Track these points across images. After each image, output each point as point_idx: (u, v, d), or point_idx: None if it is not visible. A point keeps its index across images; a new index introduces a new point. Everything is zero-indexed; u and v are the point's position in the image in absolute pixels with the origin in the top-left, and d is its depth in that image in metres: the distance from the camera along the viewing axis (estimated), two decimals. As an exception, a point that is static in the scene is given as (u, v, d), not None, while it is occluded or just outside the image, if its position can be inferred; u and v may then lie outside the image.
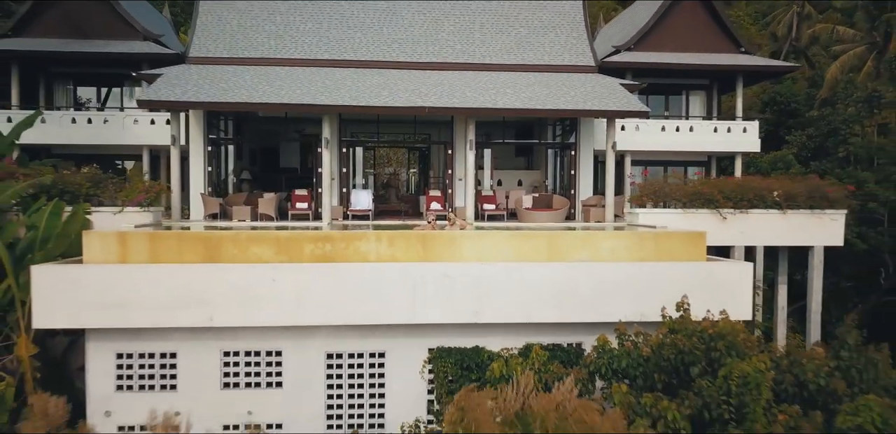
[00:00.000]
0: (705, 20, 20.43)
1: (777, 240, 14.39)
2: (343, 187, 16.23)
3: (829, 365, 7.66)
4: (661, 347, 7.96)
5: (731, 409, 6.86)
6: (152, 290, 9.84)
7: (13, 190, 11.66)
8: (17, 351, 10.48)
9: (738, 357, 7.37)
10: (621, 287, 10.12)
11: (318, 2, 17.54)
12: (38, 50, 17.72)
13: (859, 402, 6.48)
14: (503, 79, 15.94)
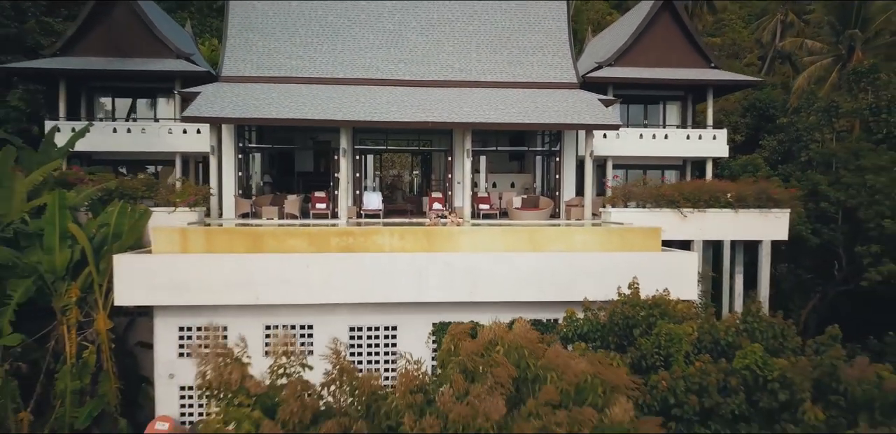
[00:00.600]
0: (679, 38, 22.76)
1: (731, 235, 16.76)
2: (356, 190, 18.57)
3: (738, 327, 9.98)
4: (613, 316, 10.31)
5: (661, 358, 9.19)
6: (208, 275, 12.19)
7: (85, 193, 14.01)
8: (96, 325, 12.83)
9: (670, 322, 9.71)
10: (590, 272, 12.46)
11: (334, 25, 19.87)
12: (85, 68, 20.04)
13: (747, 349, 8.79)
14: (496, 95, 18.29)
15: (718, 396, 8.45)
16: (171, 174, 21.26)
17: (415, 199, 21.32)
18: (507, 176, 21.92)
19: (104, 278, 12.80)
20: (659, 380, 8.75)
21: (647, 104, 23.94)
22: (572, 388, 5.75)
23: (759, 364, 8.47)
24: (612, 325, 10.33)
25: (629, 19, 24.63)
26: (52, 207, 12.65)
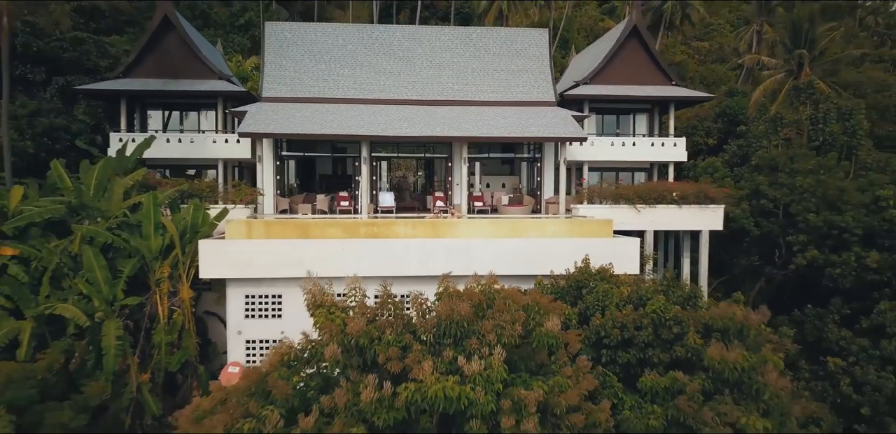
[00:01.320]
0: (645, 60, 26.81)
1: (676, 226, 20.83)
2: (373, 190, 22.62)
3: (657, 288, 13.98)
4: (569, 281, 14.38)
5: (599, 308, 13.22)
6: (267, 255, 16.25)
7: (166, 193, 18.05)
8: (181, 295, 16.88)
9: (608, 285, 13.77)
10: (556, 253, 16.48)
11: (353, 52, 23.92)
12: (145, 89, 24.07)
13: (654, 299, 12.74)
14: (488, 112, 22.35)
15: (633, 331, 12.52)
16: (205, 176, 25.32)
17: (420, 198, 25.39)
18: (499, 178, 26.01)
19: (187, 259, 16.84)
20: (595, 321, 12.84)
21: (619, 115, 27.94)
22: (520, 307, 9.83)
23: (661, 309, 12.53)
24: (567, 287, 14.40)
25: (603, 42, 28.69)
26: (148, 205, 16.71)
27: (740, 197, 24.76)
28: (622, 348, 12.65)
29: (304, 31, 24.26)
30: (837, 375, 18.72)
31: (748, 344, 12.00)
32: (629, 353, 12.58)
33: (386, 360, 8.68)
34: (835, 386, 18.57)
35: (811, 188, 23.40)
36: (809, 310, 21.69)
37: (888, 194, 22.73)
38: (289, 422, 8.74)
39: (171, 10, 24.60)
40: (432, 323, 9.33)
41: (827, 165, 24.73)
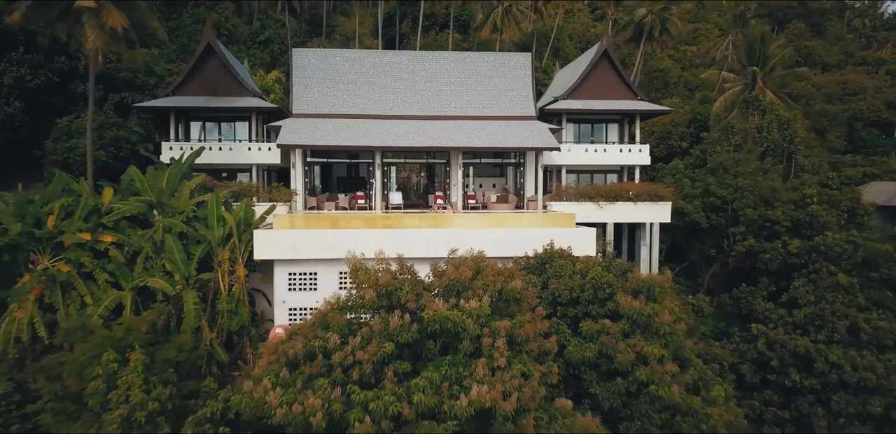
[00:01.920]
0: (614, 79, 31.68)
1: (632, 219, 25.74)
2: (384, 190, 27.51)
3: (601, 264, 18.87)
4: (536, 258, 19.32)
5: (556, 277, 18.13)
6: (306, 241, 21.16)
7: (221, 194, 22.96)
8: (237, 273, 21.79)
9: (564, 261, 18.69)
10: (530, 239, 21.38)
11: (366, 74, 28.79)
12: (193, 106, 28.94)
13: (594, 269, 17.64)
14: (479, 125, 27.24)
15: (579, 292, 17.45)
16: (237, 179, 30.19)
17: (423, 197, 30.28)
18: (489, 179, 30.93)
19: (242, 245, 21.75)
20: (552, 286, 17.79)
21: (594, 124, 32.84)
22: (497, 273, 14.76)
23: (598, 277, 17.45)
24: (535, 263, 19.34)
25: (579, 62, 33.60)
26: (212, 202, 21.62)
27: (694, 195, 29.65)
28: (571, 305, 17.63)
29: (326, 56, 29.16)
30: (758, 338, 23.64)
31: (657, 299, 16.95)
32: (576, 308, 17.57)
33: (406, 301, 13.62)
34: (755, 346, 23.48)
35: (750, 188, 28.27)
36: (744, 288, 26.61)
37: (812, 192, 27.62)
38: (342, 344, 13.67)
39: (214, 39, 29.47)
40: (445, 282, 14.23)
41: (764, 168, 29.62)
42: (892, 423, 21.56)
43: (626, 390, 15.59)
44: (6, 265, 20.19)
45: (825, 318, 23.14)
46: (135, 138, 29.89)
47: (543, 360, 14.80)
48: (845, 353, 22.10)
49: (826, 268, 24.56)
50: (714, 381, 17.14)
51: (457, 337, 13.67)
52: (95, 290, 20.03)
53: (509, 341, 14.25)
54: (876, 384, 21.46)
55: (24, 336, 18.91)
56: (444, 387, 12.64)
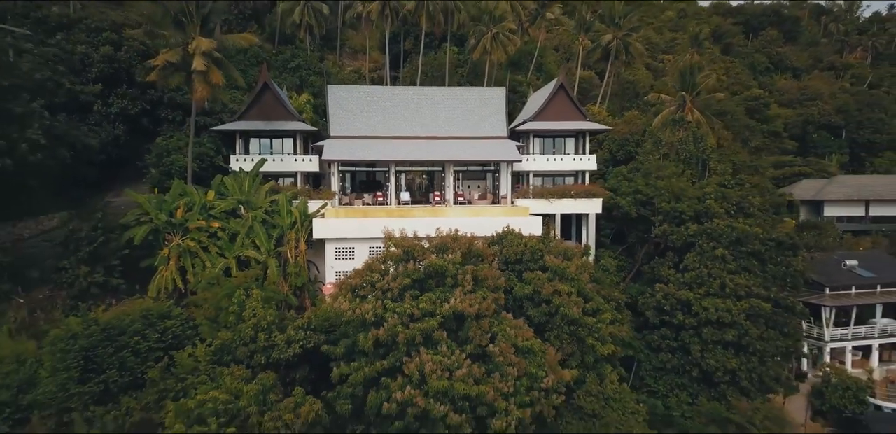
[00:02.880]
0: (568, 105, 42.36)
1: (574, 210, 36.61)
2: (397, 190, 38.32)
3: (537, 239, 29.49)
4: (497, 235, 30.17)
5: (509, 247, 28.89)
6: (347, 226, 32.12)
7: (286, 195, 33.82)
8: (300, 248, 32.67)
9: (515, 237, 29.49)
10: (498, 224, 32.16)
11: (383, 105, 39.58)
12: (254, 129, 39.71)
13: (531, 243, 28.20)
14: (466, 143, 38.03)
15: (521, 255, 28.23)
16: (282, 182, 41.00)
17: (425, 195, 41.06)
18: (473, 182, 41.74)
19: (303, 229, 32.61)
20: (505, 251, 28.61)
21: (555, 139, 43.59)
22: (468, 242, 25.62)
23: (534, 245, 28.23)
24: (496, 238, 30.15)
25: (545, 90, 44.32)
26: (282, 200, 32.49)
27: (628, 193, 40.31)
28: (516, 263, 28.47)
29: (353, 91, 39.98)
30: (659, 292, 34.38)
31: (570, 259, 27.78)
32: (519, 265, 28.39)
33: (416, 255, 24.49)
34: (657, 298, 34.22)
35: (666, 187, 38.98)
36: (656, 260, 37.40)
37: (710, 191, 38.35)
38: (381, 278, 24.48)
39: (269, 79, 40.25)
40: (435, 244, 25.09)
41: (677, 173, 40.35)
42: (740, 346, 32.30)
43: (548, 312, 26.43)
44: (151, 242, 31.07)
45: (703, 278, 33.93)
46: (211, 153, 40.64)
47: (497, 292, 25.62)
48: (713, 301, 32.85)
49: (710, 244, 35.28)
50: (606, 309, 27.93)
51: (443, 276, 24.48)
52: (210, 258, 30.91)
53: (474, 279, 25.03)
54: (730, 321, 32.22)
55: (169, 286, 29.84)
56: (437, 301, 23.48)
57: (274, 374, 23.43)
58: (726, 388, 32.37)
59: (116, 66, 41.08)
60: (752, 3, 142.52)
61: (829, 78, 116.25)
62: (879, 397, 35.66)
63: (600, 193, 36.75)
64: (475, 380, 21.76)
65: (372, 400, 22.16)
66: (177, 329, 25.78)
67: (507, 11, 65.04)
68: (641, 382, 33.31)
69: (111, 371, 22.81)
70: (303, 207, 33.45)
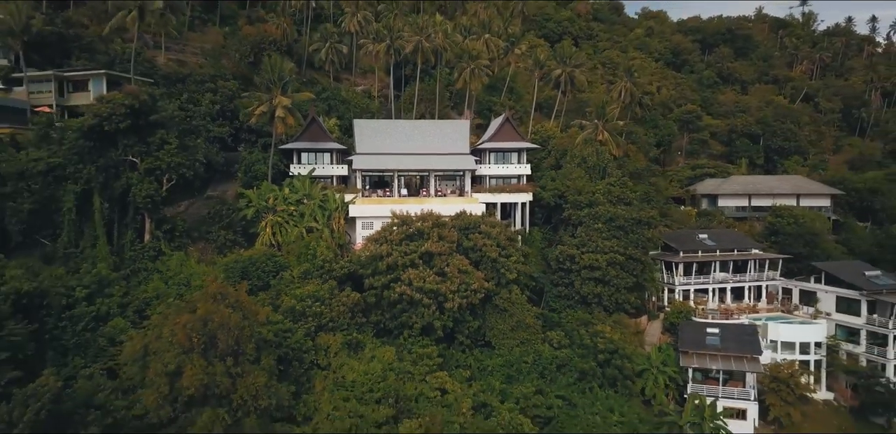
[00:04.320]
0: (512, 131, 65.75)
1: (511, 201, 60.03)
2: (399, 188, 61.67)
3: (480, 217, 52.33)
4: (457, 214, 53.54)
5: (462, 221, 52.07)
6: (370, 209, 55.75)
7: (332, 190, 57.25)
8: (340, 222, 56.08)
9: (468, 216, 52.74)
10: (459, 208, 55.44)
11: (389, 131, 63.00)
12: (306, 148, 63.07)
13: (474, 218, 50.91)
14: (443, 158, 61.43)
15: (467, 225, 51.47)
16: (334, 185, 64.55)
17: (416, 190, 64.37)
18: (448, 182, 65.07)
19: (340, 211, 55.96)
20: (458, 223, 51.93)
21: (505, 153, 66.85)
22: (437, 218, 49.07)
23: (474, 219, 51.42)
24: (456, 216, 53.47)
25: (498, 120, 67.64)
26: (330, 194, 55.94)
27: (552, 189, 63.44)
28: (465, 229, 51.70)
29: (371, 123, 63.50)
30: (557, 250, 57.45)
31: (498, 228, 51.02)
32: (466, 230, 51.62)
33: (408, 223, 47.85)
34: (556, 254, 57.32)
35: (574, 187, 62.09)
36: (562, 232, 60.59)
37: (599, 188, 61.54)
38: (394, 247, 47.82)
39: (316, 114, 63.56)
40: (419, 217, 48.50)
41: (582, 176, 63.48)
42: (603, 281, 55.38)
43: (480, 254, 49.56)
44: (252, 220, 54.32)
45: (586, 242, 57.03)
46: (279, 163, 63.97)
47: (452, 243, 48.77)
48: (590, 255, 55.85)
49: (592, 221, 58.34)
50: (514, 254, 50.93)
51: (422, 233, 47.73)
52: (290, 228, 54.17)
53: (439, 236, 48.16)
54: (598, 266, 55.18)
55: (266, 243, 53.16)
56: (418, 246, 46.72)
57: (335, 282, 46.73)
58: (594, 306, 55.59)
59: (217, 105, 64.31)
60: (712, 21, 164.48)
61: (771, 90, 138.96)
62: (696, 316, 58.86)
63: (526, 190, 60.09)
64: (436, 283, 44.99)
65: (385, 295, 45.47)
66: (280, 262, 49.08)
67: (482, 50, 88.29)
68: (546, 304, 56.47)
69: (254, 279, 45.98)
70: (341, 198, 56.84)
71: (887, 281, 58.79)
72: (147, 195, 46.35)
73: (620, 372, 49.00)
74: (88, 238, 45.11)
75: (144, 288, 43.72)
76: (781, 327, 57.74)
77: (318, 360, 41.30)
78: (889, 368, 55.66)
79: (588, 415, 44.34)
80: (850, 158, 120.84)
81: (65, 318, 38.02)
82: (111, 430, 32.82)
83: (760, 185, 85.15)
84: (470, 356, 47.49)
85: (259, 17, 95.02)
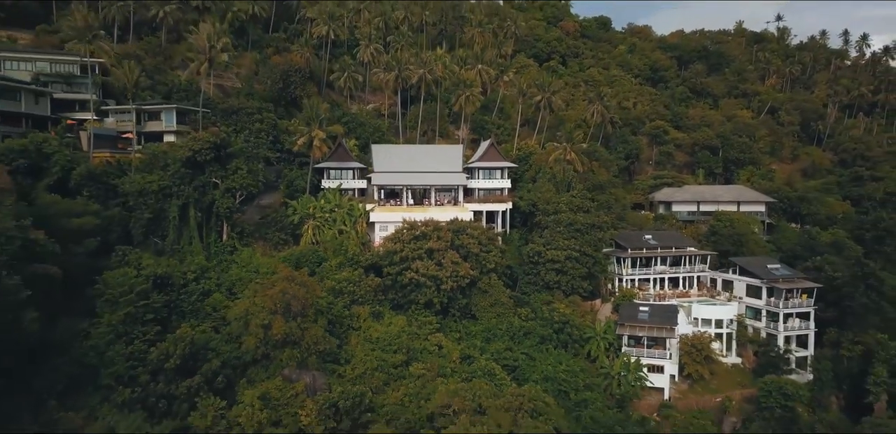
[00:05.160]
0: (496, 153, 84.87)
1: (494, 209, 79.15)
2: (407, 199, 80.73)
3: (468, 223, 71.04)
4: (451, 221, 72.66)
5: (455, 225, 71.02)
6: (385, 215, 74.94)
7: (357, 201, 76.38)
8: (362, 224, 75.18)
9: (460, 221, 71.73)
10: (454, 215, 74.47)
11: (401, 155, 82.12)
12: (336, 166, 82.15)
13: (463, 223, 69.54)
14: (441, 175, 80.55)
15: (458, 228, 70.47)
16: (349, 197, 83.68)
17: (420, 201, 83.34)
18: (446, 193, 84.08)
19: (363, 216, 75.03)
20: (453, 227, 71.07)
21: (491, 170, 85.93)
22: (437, 223, 68.26)
23: (464, 224, 70.40)
24: (450, 222, 72.56)
25: (485, 145, 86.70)
26: (355, 204, 75.05)
27: (528, 199, 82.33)
28: (456, 232, 70.70)
29: (386, 147, 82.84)
30: (529, 247, 76.31)
31: (482, 231, 70.06)
32: (458, 232, 70.61)
33: (414, 227, 66.98)
34: (529, 250, 76.19)
35: (543, 198, 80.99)
36: (534, 233, 79.56)
37: (563, 199, 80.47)
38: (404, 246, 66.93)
39: (342, 140, 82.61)
40: (423, 223, 67.68)
41: (551, 189, 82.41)
42: (562, 271, 74.32)
43: (466, 250, 68.53)
44: (297, 224, 73.31)
45: (550, 241, 75.96)
46: (314, 179, 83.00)
47: (446, 242, 67.79)
48: (552, 252, 74.73)
49: (556, 226, 77.25)
50: (493, 249, 69.83)
51: (425, 235, 66.73)
52: (326, 230, 73.19)
53: (437, 236, 67.13)
54: (558, 260, 74.08)
55: (308, 242, 72.23)
56: (421, 243, 65.79)
57: (361, 270, 65.77)
58: (555, 290, 74.52)
59: (263, 132, 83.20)
60: (692, 37, 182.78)
61: (740, 103, 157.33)
62: (638, 300, 77.85)
63: (506, 200, 79.12)
64: (435, 271, 63.97)
65: (398, 279, 64.56)
66: (321, 255, 68.16)
67: (475, 79, 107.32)
68: (519, 288, 75.37)
69: (304, 267, 64.97)
70: (363, 207, 75.91)
71: (783, 272, 77.76)
72: (227, 207, 65.50)
73: (570, 337, 68.09)
74: (186, 238, 64.26)
75: (229, 274, 62.82)
76: (703, 308, 76.75)
77: (353, 324, 60.38)
78: (780, 338, 74.62)
79: (543, 365, 63.25)
80: (804, 167, 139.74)
81: (182, 293, 57.17)
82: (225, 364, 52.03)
83: (707, 193, 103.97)
84: (459, 324, 66.58)
85: (285, 47, 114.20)
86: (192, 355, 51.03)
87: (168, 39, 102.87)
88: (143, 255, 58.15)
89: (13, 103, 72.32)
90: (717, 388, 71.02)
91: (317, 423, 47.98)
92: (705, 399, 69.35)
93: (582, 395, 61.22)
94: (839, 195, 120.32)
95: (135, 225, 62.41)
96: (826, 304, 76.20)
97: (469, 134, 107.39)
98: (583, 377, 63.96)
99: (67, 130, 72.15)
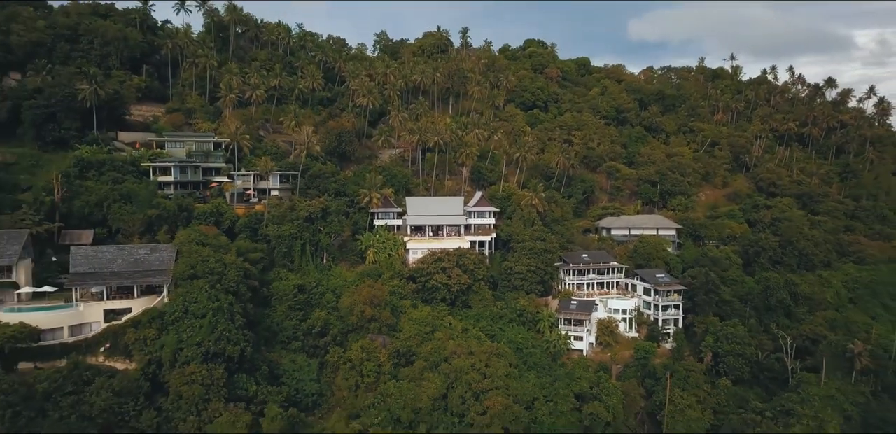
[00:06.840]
0: (486, 201, 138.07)
1: (483, 239, 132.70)
2: (428, 231, 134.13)
3: (467, 250, 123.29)
4: (456, 249, 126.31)
5: (458, 251, 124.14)
6: (417, 244, 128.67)
7: (397, 236, 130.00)
8: (401, 251, 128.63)
9: (461, 250, 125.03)
10: (458, 244, 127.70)
11: (423, 205, 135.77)
12: (383, 211, 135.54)
13: (462, 249, 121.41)
14: (451, 217, 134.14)
15: (460, 254, 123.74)
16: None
17: (437, 234, 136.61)
18: (453, 228, 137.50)
19: (402, 247, 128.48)
20: (459, 253, 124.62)
21: (482, 212, 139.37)
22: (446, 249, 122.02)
23: (463, 251, 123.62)
24: (455, 249, 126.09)
25: (479, 193, 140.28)
26: (398, 238, 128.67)
27: (508, 229, 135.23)
28: (460, 256, 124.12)
29: (416, 199, 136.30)
30: (505, 263, 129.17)
31: (471, 255, 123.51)
32: (461, 256, 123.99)
33: (434, 253, 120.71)
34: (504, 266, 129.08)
35: (516, 231, 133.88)
36: (509, 254, 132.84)
37: (526, 232, 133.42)
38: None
39: (388, 197, 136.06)
40: (440, 250, 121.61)
41: (520, 225, 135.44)
42: (526, 277, 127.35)
43: (464, 268, 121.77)
44: (363, 250, 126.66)
45: (518, 259, 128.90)
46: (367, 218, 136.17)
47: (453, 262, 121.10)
48: (519, 266, 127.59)
49: (522, 250, 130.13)
50: (482, 268, 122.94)
51: (440, 259, 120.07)
52: (380, 253, 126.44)
53: (447, 258, 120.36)
54: (522, 272, 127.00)
55: (371, 262, 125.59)
56: (438, 263, 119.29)
57: (403, 280, 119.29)
58: (520, 291, 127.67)
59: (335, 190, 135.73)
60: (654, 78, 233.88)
61: (687, 139, 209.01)
62: (574, 297, 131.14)
63: (491, 232, 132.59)
64: (447, 280, 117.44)
65: (426, 285, 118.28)
66: (379, 271, 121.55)
67: (473, 140, 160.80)
68: (499, 290, 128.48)
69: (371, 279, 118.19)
70: (402, 239, 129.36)
71: (665, 279, 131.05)
72: (328, 243, 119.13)
73: (527, 319, 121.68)
74: (305, 261, 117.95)
75: (330, 282, 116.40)
76: (614, 301, 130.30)
77: (402, 310, 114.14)
78: (660, 321, 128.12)
79: (509, 334, 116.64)
80: (730, 192, 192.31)
81: (311, 294, 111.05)
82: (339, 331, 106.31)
83: (636, 221, 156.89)
84: (461, 311, 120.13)
85: (336, 113, 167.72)
86: (324, 326, 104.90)
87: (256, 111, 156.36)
88: (282, 272, 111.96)
89: (186, 175, 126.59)
90: (617, 351, 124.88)
91: (387, 360, 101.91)
92: (607, 356, 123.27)
93: (530, 351, 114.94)
94: (743, 219, 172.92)
95: (277, 255, 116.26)
96: (688, 300, 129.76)
97: (469, 174, 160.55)
98: (532, 342, 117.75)
99: (217, 191, 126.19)
